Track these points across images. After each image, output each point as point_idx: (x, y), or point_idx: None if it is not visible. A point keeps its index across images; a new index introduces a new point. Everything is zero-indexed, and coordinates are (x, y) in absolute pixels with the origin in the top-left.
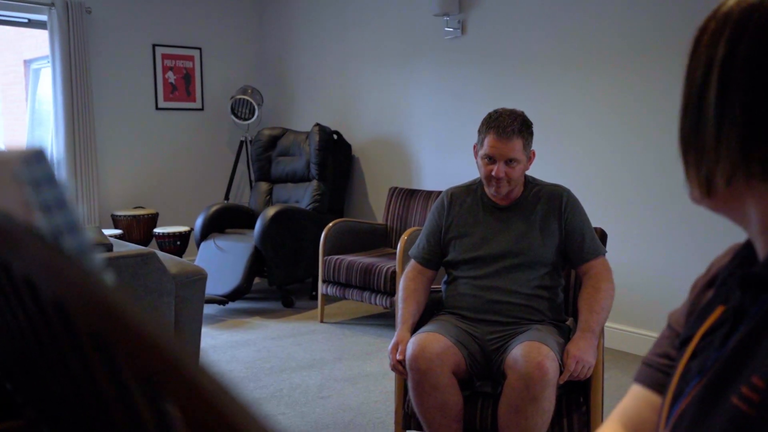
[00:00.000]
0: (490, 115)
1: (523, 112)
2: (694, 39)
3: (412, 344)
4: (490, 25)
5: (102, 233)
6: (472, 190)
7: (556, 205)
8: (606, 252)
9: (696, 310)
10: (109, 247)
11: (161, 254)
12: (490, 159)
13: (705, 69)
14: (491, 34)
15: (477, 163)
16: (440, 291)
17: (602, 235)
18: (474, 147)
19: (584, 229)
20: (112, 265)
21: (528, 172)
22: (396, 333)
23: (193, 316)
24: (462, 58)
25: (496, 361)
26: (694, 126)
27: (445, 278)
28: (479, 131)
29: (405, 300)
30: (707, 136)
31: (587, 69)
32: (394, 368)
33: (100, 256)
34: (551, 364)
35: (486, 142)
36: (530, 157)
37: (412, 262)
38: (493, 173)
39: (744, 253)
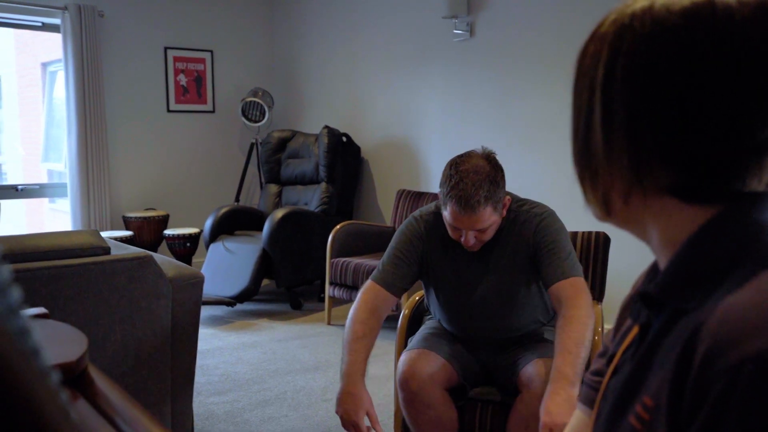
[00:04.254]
0: (450, 174)
1: (490, 159)
2: (577, 62)
3: (402, 363)
4: (499, 27)
5: (99, 236)
6: (439, 213)
7: (527, 234)
8: (581, 275)
9: (621, 327)
10: (106, 251)
11: (159, 257)
12: (456, 228)
13: (589, 93)
14: (500, 37)
15: (442, 213)
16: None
17: (605, 240)
18: (438, 193)
19: (556, 248)
20: (109, 268)
21: (533, 178)
22: (344, 388)
23: (189, 320)
24: (470, 61)
25: (500, 367)
26: (584, 149)
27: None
28: (440, 185)
29: (352, 344)
30: (598, 158)
31: None
32: (347, 430)
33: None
34: None
35: (448, 209)
36: (504, 205)
37: (374, 287)
38: (462, 241)
39: (655, 268)
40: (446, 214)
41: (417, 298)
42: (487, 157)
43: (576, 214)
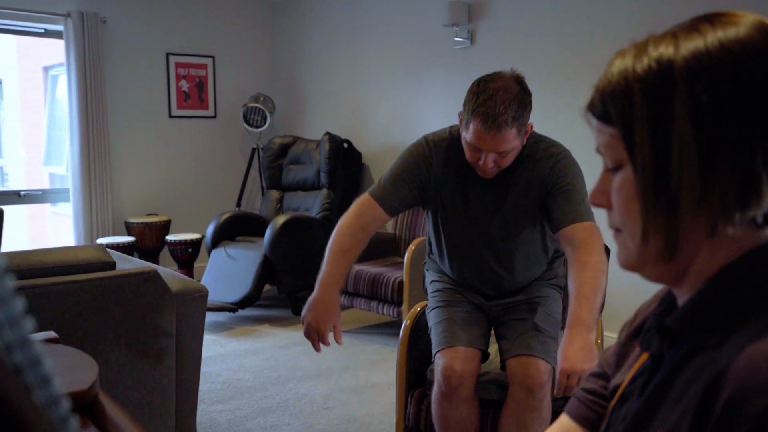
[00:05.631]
0: (478, 92)
1: (520, 81)
2: (622, 106)
3: (442, 362)
4: (499, 34)
5: (105, 251)
6: (452, 139)
7: (542, 173)
8: (594, 220)
9: (625, 356)
10: (112, 266)
11: (163, 270)
12: (476, 148)
13: (658, 131)
14: (500, 44)
15: (461, 136)
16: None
17: (605, 250)
18: (459, 115)
19: (571, 191)
20: (114, 284)
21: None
22: (317, 296)
23: (194, 333)
24: (471, 68)
25: (499, 333)
26: (658, 189)
27: (429, 232)
28: (464, 104)
29: (336, 256)
30: (685, 192)
31: (596, 78)
32: (308, 337)
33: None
34: (546, 377)
35: (471, 128)
36: (527, 132)
37: (370, 202)
38: (480, 164)
39: (669, 298)
40: (468, 133)
41: (418, 309)
42: (517, 78)
43: None
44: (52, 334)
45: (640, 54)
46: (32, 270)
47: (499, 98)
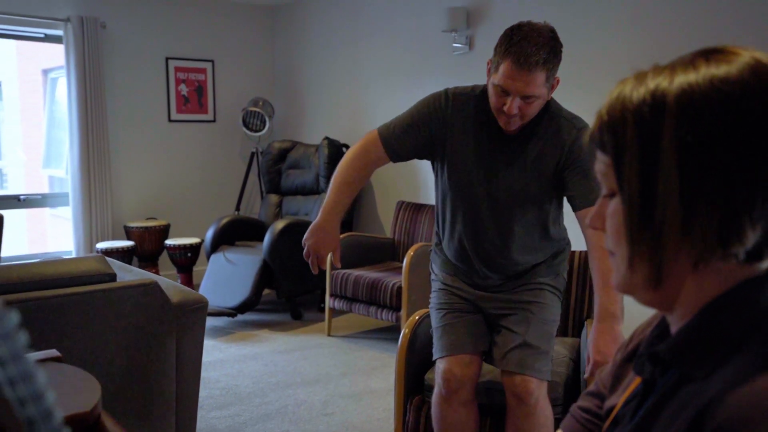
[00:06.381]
0: (512, 35)
1: (552, 31)
2: (613, 136)
3: (443, 366)
4: (497, 41)
5: (105, 262)
6: (474, 95)
7: (564, 141)
8: None
9: (620, 378)
10: (112, 277)
11: (163, 281)
12: (504, 91)
13: (645, 163)
14: None
15: (488, 84)
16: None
17: None
18: (488, 63)
19: (591, 170)
20: (115, 296)
21: None
22: (320, 223)
23: (194, 344)
24: (470, 73)
25: (495, 336)
26: (643, 220)
27: (438, 212)
28: (496, 49)
29: (341, 187)
30: (668, 227)
31: (594, 85)
32: (308, 258)
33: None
34: (536, 388)
35: (501, 69)
36: (553, 85)
37: (376, 143)
38: (505, 108)
39: (663, 323)
40: (497, 76)
41: (417, 317)
42: (550, 28)
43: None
44: (54, 352)
45: (639, 84)
46: (33, 282)
47: (532, 40)
